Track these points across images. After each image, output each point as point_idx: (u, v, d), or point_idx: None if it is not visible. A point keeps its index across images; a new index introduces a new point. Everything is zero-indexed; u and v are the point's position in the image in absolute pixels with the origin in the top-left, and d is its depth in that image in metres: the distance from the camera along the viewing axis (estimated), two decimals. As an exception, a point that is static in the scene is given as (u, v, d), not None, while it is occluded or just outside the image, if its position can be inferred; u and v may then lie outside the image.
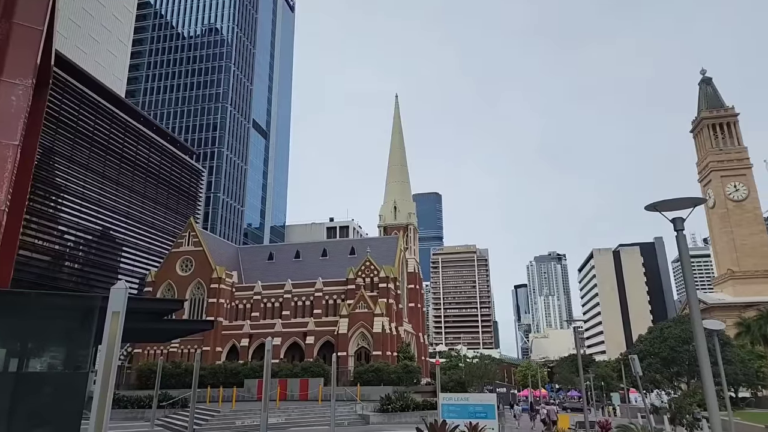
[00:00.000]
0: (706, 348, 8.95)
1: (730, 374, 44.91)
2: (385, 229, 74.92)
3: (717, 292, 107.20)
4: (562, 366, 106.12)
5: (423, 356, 68.08)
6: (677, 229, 9.07)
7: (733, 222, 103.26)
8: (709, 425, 9.00)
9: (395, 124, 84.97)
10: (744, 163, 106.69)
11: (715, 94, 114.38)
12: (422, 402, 37.18)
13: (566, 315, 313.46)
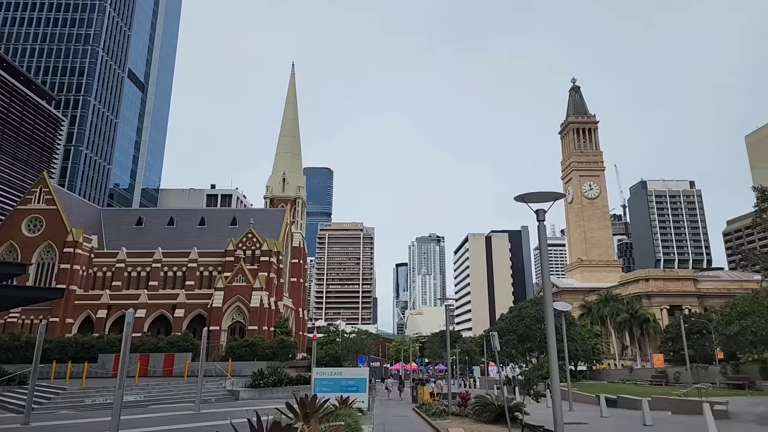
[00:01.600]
0: (553, 327, 10.06)
1: (572, 350, 50.98)
2: (272, 201, 72.66)
3: (568, 277, 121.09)
4: (432, 341, 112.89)
5: (301, 331, 67.84)
6: (539, 220, 10.01)
7: (586, 217, 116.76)
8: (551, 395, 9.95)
9: (290, 94, 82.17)
10: (599, 166, 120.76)
11: (582, 101, 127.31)
12: (296, 377, 36.98)
13: (440, 293, 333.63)
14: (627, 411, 26.02)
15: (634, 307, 71.65)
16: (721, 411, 20.56)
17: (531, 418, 18.29)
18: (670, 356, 53.73)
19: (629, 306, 70.62)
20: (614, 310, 69.46)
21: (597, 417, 23.71)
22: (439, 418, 22.18)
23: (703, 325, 48.64)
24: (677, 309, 77.71)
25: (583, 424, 20.60)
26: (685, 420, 21.00)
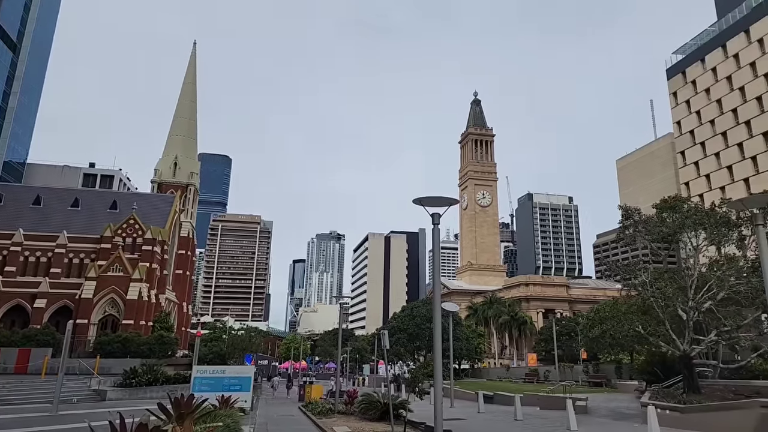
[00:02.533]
0: (440, 326, 10.57)
1: (457, 349, 53.58)
2: (161, 186, 67.58)
3: (458, 279, 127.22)
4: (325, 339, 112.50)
5: (184, 327, 63.85)
6: (434, 223, 10.60)
7: (478, 223, 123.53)
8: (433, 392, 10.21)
9: (189, 73, 77.18)
10: (493, 177, 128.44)
11: (481, 114, 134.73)
12: (175, 375, 34.54)
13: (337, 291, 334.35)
14: (502, 407, 27.68)
15: (515, 309, 77.25)
16: (582, 406, 22.61)
17: (414, 415, 18.65)
18: (543, 356, 58.50)
19: (510, 308, 75.99)
20: (497, 312, 74.30)
21: (475, 413, 24.92)
22: (325, 417, 21.91)
23: (571, 327, 53.62)
24: (551, 312, 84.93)
25: (462, 420, 21.50)
26: (551, 415, 22.77)
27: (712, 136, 79.76)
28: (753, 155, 72.68)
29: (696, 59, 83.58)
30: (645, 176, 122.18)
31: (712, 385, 22.72)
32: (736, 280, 21.75)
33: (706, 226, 23.57)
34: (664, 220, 25.72)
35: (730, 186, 74.70)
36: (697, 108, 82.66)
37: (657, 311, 21.89)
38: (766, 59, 71.42)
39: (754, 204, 15.12)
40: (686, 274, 23.37)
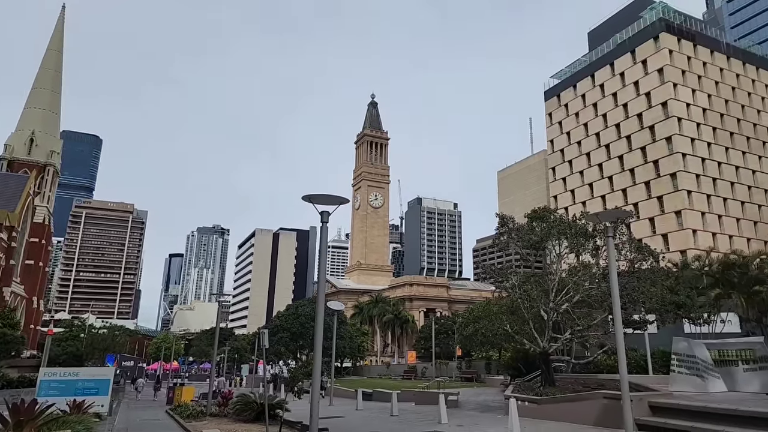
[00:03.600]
0: (322, 324, 10.36)
1: (340, 348, 53.69)
2: (12, 164, 59.10)
3: (347, 278, 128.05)
4: (201, 339, 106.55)
5: (33, 324, 56.42)
6: (323, 221, 10.43)
7: (369, 224, 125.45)
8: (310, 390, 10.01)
9: (55, 40, 68.42)
10: (385, 179, 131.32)
11: (378, 117, 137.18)
12: (18, 379, 30.32)
13: (217, 289, 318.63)
14: (380, 403, 28.16)
15: (399, 308, 79.59)
16: (453, 401, 23.77)
17: (291, 415, 18.24)
18: (422, 353, 60.84)
19: (395, 308, 78.14)
20: (382, 311, 75.94)
21: (353, 410, 25.05)
22: (195, 420, 20.57)
23: (449, 326, 56.49)
24: (432, 312, 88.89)
25: (339, 418, 21.46)
26: (425, 409, 23.63)
27: (578, 156, 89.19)
28: (610, 175, 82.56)
29: (569, 85, 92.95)
30: (522, 188, 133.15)
31: (565, 378, 25.14)
32: (589, 285, 24.07)
33: (568, 236, 25.79)
34: (533, 228, 27.71)
35: (590, 201, 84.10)
36: (568, 129, 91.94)
37: (523, 312, 23.64)
38: (625, 91, 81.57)
39: (606, 218, 16.91)
40: (549, 279, 25.44)
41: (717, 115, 77.26)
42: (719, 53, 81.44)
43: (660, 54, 76.22)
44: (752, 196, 76.02)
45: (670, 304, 23.86)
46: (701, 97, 76.62)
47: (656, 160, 74.90)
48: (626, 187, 79.22)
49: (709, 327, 28.67)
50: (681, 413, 15.19)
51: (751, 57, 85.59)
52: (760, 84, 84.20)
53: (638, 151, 77.88)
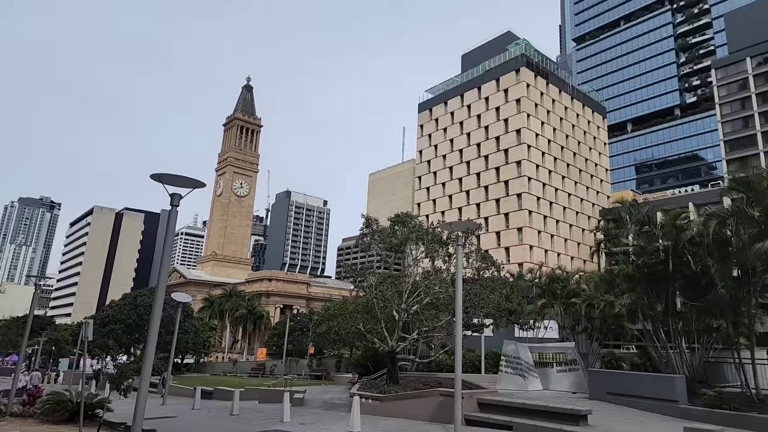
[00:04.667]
0: (160, 316, 9.51)
1: (183, 342, 50.02)
2: None
3: (199, 269, 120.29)
4: (10, 327, 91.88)
5: None
6: (173, 204, 9.41)
7: (231, 213, 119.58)
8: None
9: None
10: (254, 167, 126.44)
11: (252, 102, 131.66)
12: None
13: (39, 270, 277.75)
14: (221, 402, 26.66)
15: (254, 304, 76.84)
16: (299, 399, 23.38)
17: (115, 416, 16.28)
18: (274, 350, 59.42)
19: (249, 303, 75.24)
20: (235, 305, 72.59)
21: (189, 410, 23.32)
22: (-13, 421, 17.28)
23: (305, 323, 56.01)
24: (289, 308, 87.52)
25: (171, 418, 19.77)
26: (268, 408, 22.87)
27: (442, 168, 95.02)
28: (468, 189, 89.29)
29: (441, 101, 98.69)
30: (390, 192, 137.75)
31: (409, 376, 26.24)
32: (439, 289, 25.40)
33: (425, 242, 26.98)
34: (395, 232, 28.48)
35: (449, 211, 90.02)
36: (436, 142, 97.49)
37: (377, 311, 24.16)
38: (488, 114, 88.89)
39: (459, 228, 17.90)
40: (404, 281, 26.36)
41: (559, 147, 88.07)
42: (566, 93, 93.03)
43: (519, 86, 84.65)
44: (578, 221, 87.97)
45: (504, 310, 26.24)
46: (548, 130, 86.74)
47: (507, 180, 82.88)
48: (480, 202, 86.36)
49: (533, 332, 32.25)
50: (504, 409, 16.66)
51: (589, 101, 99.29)
52: (593, 125, 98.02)
53: (493, 170, 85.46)
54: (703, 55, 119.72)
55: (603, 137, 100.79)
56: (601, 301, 26.51)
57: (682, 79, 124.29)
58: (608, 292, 26.07)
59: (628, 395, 18.25)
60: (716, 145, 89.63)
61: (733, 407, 15.40)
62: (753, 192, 17.87)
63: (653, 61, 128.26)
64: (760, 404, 16.36)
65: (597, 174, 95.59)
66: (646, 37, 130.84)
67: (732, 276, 18.78)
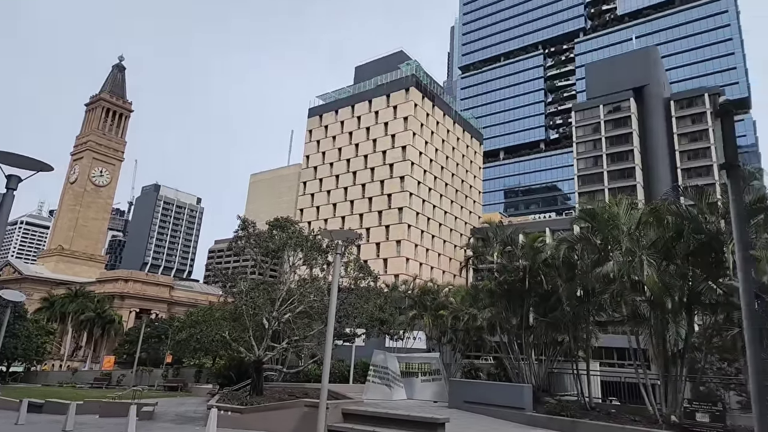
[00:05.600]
0: None
1: (11, 348, 43.13)
2: None
3: (40, 264, 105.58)
4: None
5: None
6: (9, 187, 8.31)
7: (85, 203, 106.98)
8: None
9: None
10: (118, 155, 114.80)
11: (123, 83, 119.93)
12: None
13: None
14: (53, 416, 23.23)
15: (104, 306, 69.05)
16: (148, 412, 21.21)
17: None
18: (125, 358, 53.84)
19: (99, 305, 67.50)
20: (81, 308, 64.61)
21: (11, 425, 19.95)
22: None
23: (163, 330, 51.56)
24: (147, 313, 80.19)
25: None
26: (110, 423, 20.41)
27: (328, 176, 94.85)
28: (352, 199, 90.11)
29: (332, 109, 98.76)
30: (273, 195, 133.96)
31: (275, 387, 25.31)
32: (314, 297, 24.97)
33: (304, 249, 26.43)
34: (273, 236, 27.58)
35: (332, 219, 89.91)
36: (324, 149, 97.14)
37: (246, 319, 23.00)
38: (377, 128, 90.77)
39: (339, 236, 17.73)
40: (278, 288, 25.50)
41: (439, 166, 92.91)
42: (449, 117, 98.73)
43: (408, 104, 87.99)
44: (452, 238, 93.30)
45: (377, 320, 26.58)
46: (431, 149, 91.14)
47: (390, 193, 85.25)
48: (364, 212, 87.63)
49: (403, 342, 33.15)
50: (368, 419, 16.66)
51: (469, 127, 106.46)
52: (471, 150, 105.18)
53: (378, 183, 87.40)
54: (567, 98, 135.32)
55: (479, 162, 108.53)
56: (465, 314, 28.06)
57: (548, 116, 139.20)
58: (472, 306, 27.69)
59: (484, 403, 19.36)
60: (572, 179, 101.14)
61: (570, 414, 17.04)
62: (597, 222, 20.18)
63: (526, 98, 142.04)
64: (592, 411, 18.33)
65: (471, 195, 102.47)
66: (522, 75, 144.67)
67: (576, 295, 20.97)
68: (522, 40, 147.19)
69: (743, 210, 8.24)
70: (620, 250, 18.38)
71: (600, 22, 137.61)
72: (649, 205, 21.10)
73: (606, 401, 22.42)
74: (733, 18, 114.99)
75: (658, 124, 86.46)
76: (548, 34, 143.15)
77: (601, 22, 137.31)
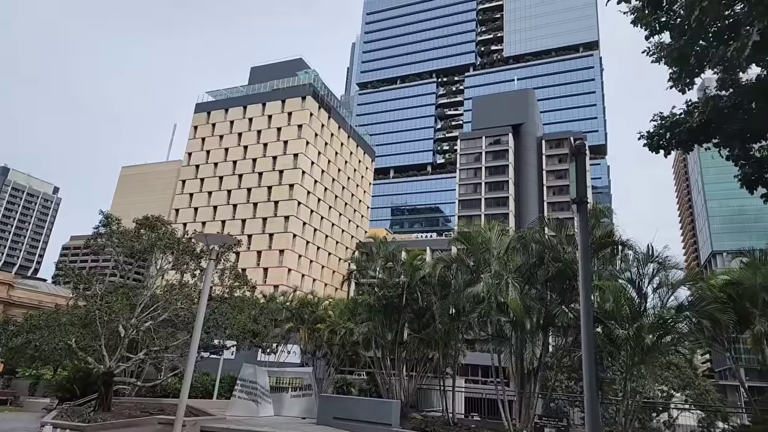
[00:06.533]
0: None
1: None
2: None
3: None
4: None
5: None
6: None
7: None
8: None
9: None
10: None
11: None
12: None
13: None
14: None
15: None
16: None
17: None
18: (-62, 367, 45.25)
19: None
20: None
21: None
22: None
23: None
24: (-22, 313, 68.72)
25: None
26: None
27: (211, 176, 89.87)
28: (235, 203, 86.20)
29: (222, 107, 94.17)
30: (146, 191, 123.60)
31: (127, 402, 22.90)
32: (181, 305, 23.20)
33: (175, 251, 24.60)
34: (140, 236, 25.40)
35: (210, 222, 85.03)
36: (209, 148, 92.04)
37: (98, 326, 20.62)
38: (269, 132, 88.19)
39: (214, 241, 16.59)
40: (141, 293, 23.39)
41: (330, 178, 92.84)
42: (344, 131, 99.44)
43: (304, 113, 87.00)
44: (337, 250, 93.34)
45: (249, 332, 25.36)
46: (323, 160, 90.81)
47: (277, 201, 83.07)
48: (247, 218, 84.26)
49: (276, 356, 32.02)
50: (228, 439, 15.62)
51: (363, 142, 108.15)
52: (363, 165, 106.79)
53: (265, 188, 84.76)
54: (455, 126, 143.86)
55: (369, 177, 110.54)
56: (343, 328, 27.91)
57: (437, 141, 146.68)
58: (350, 320, 27.66)
59: (353, 420, 19.20)
60: (453, 202, 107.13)
61: (434, 429, 17.53)
62: (471, 245, 21.35)
63: (418, 121, 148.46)
64: (455, 427, 19.08)
65: (359, 209, 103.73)
66: (416, 100, 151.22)
67: (448, 313, 21.88)
68: (418, 66, 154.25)
69: (588, 241, 9.10)
70: (490, 273, 19.56)
71: (488, 61, 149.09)
72: (518, 233, 22.84)
73: (468, 416, 23.55)
74: (598, 74, 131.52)
75: (531, 160, 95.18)
76: (442, 64, 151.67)
77: (489, 60, 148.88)
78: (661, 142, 10.23)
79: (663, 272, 17.59)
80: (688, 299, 18.54)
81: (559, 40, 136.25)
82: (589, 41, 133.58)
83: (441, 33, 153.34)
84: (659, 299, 17.84)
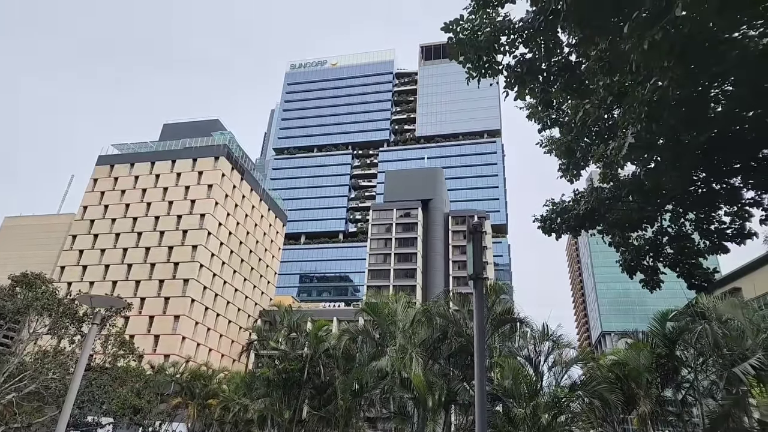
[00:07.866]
0: None
1: None
2: None
3: None
4: None
5: None
6: None
7: None
8: None
9: None
10: None
11: None
12: None
13: None
14: None
15: None
16: None
17: None
18: None
19: None
20: None
21: None
22: None
23: None
24: None
25: None
26: None
27: (107, 233, 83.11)
28: (130, 263, 79.76)
29: (128, 161, 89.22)
30: (31, 245, 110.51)
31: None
32: (53, 375, 20.66)
33: (53, 314, 22.23)
34: (14, 294, 22.76)
35: (99, 283, 77.42)
36: (108, 202, 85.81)
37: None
38: (176, 190, 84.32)
39: (101, 304, 15.19)
40: (7, 359, 20.56)
41: (238, 241, 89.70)
42: (256, 194, 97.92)
43: (215, 173, 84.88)
44: (238, 318, 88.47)
45: (130, 407, 22.81)
46: (231, 222, 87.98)
47: (178, 262, 78.18)
48: (142, 279, 78.09)
49: (159, 436, 28.79)
50: None
51: (275, 206, 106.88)
52: (273, 229, 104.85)
53: (166, 248, 79.75)
54: (368, 197, 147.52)
55: (279, 242, 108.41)
56: (237, 405, 26.00)
57: (350, 210, 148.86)
58: (246, 395, 25.89)
59: None
60: (363, 272, 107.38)
61: None
62: (378, 316, 21.41)
63: (332, 189, 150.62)
64: None
65: (266, 275, 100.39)
66: (331, 168, 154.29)
67: (351, 389, 21.32)
68: (335, 137, 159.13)
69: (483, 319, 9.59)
70: (395, 346, 19.59)
71: (401, 138, 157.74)
72: (424, 305, 23.33)
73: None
74: (500, 159, 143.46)
75: (438, 234, 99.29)
76: (358, 138, 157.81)
77: (403, 138, 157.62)
78: (553, 226, 11.07)
79: (557, 350, 18.67)
80: (580, 378, 19.65)
81: (466, 126, 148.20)
82: (493, 129, 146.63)
83: (359, 109, 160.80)
84: (554, 377, 18.78)
